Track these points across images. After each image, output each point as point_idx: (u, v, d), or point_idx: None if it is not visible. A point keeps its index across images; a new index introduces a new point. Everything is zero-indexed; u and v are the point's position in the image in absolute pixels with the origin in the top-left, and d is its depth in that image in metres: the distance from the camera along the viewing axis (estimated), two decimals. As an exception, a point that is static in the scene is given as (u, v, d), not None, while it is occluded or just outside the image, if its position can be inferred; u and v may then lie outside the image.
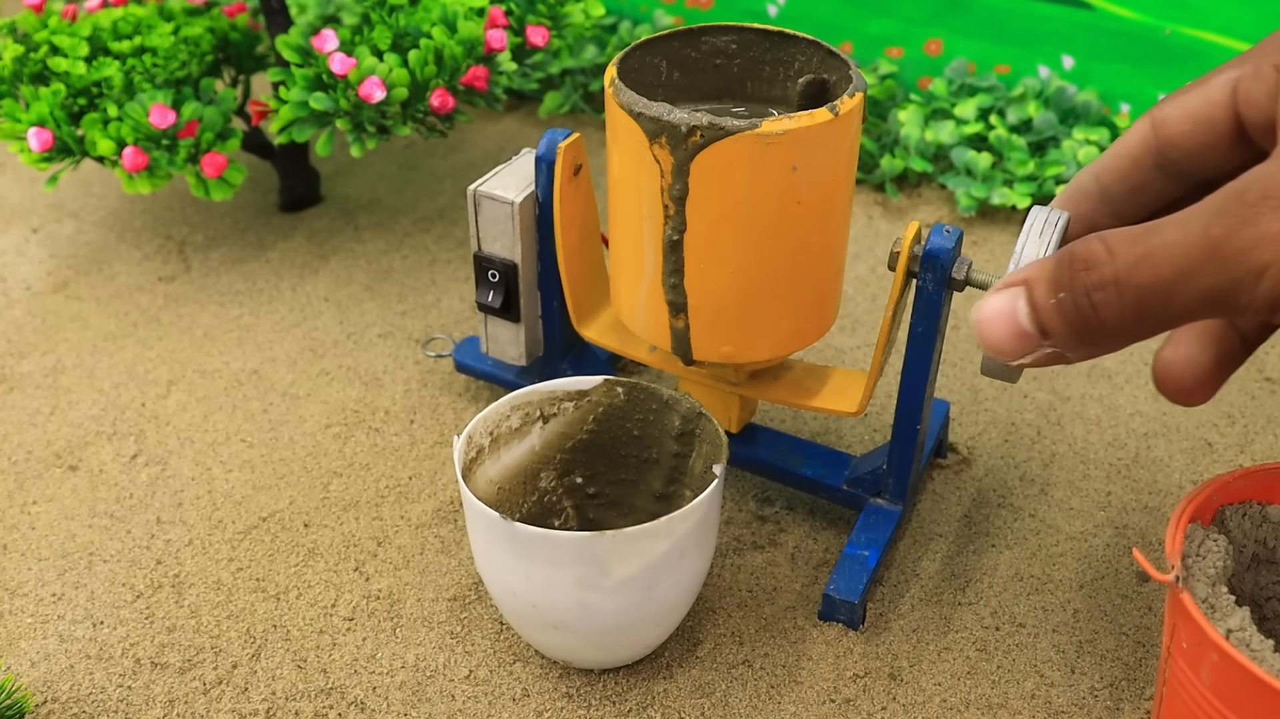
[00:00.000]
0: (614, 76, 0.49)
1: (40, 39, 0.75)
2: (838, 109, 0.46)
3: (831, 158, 0.47)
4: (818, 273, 0.50)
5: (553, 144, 0.56)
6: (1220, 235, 0.33)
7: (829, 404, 0.55)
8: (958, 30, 0.93)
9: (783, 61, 0.52)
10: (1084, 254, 0.36)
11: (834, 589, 0.53)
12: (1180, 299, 0.35)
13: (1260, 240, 0.33)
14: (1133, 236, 0.35)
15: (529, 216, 0.58)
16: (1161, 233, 0.35)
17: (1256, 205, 0.33)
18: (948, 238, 0.49)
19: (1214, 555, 0.43)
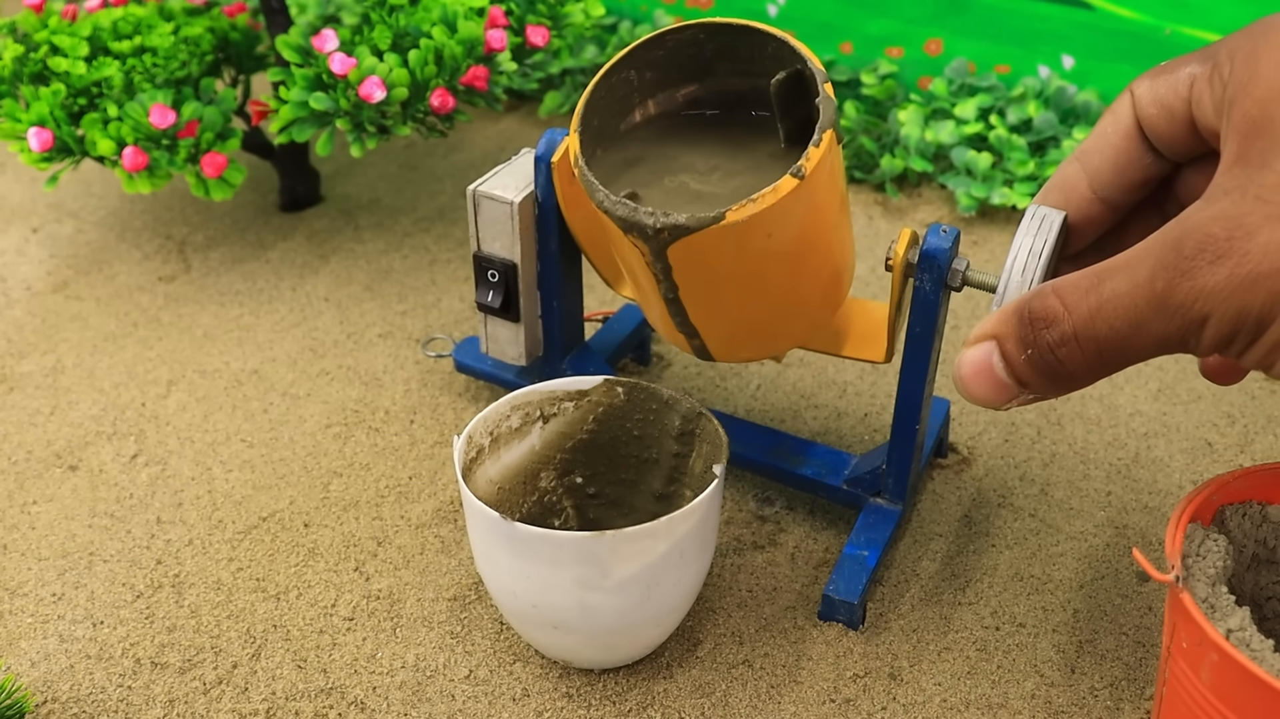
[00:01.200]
0: (578, 155, 0.47)
1: (40, 39, 0.75)
2: (803, 170, 0.44)
3: (809, 208, 0.46)
4: (821, 285, 0.51)
5: (552, 143, 0.55)
6: (1163, 289, 0.35)
7: (859, 352, 0.55)
8: (958, 30, 0.93)
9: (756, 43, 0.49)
10: (1042, 312, 0.38)
11: (833, 590, 0.53)
12: (1137, 346, 0.37)
13: (1199, 294, 0.35)
14: (1085, 288, 0.37)
15: (528, 216, 0.58)
16: (1112, 281, 0.37)
17: (1193, 258, 0.35)
18: (944, 238, 0.48)
19: (1214, 555, 0.43)
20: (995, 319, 0.40)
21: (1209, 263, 0.34)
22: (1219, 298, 0.34)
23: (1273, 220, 0.34)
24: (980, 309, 0.75)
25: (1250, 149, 0.35)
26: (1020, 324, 0.39)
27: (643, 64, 0.50)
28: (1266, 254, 0.33)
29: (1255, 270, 0.34)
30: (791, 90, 0.48)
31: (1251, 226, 0.34)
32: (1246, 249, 0.34)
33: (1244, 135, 0.36)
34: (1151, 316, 0.36)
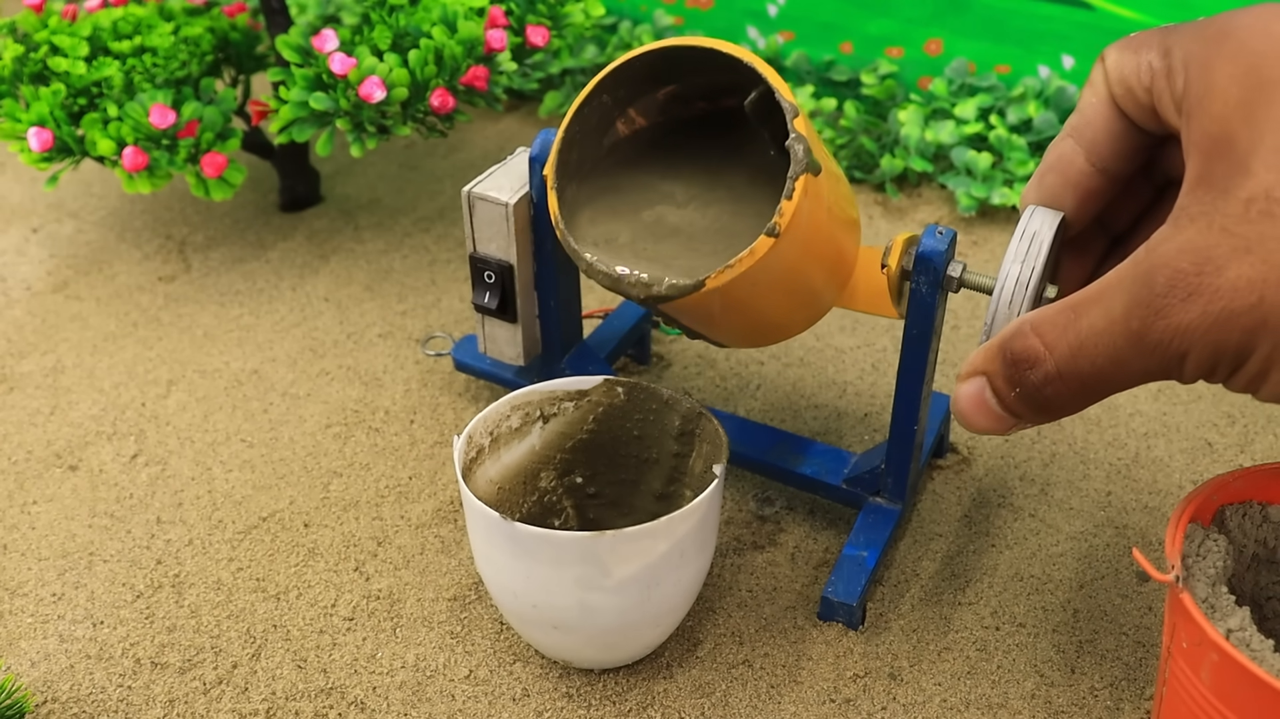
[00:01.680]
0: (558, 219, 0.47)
1: (40, 39, 0.75)
2: (778, 229, 0.44)
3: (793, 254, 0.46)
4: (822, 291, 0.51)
5: (546, 144, 0.55)
6: (1139, 328, 0.35)
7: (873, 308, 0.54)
8: (958, 30, 0.93)
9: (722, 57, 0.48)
10: (1023, 353, 0.39)
11: (832, 591, 0.53)
12: (1121, 379, 0.37)
13: (1174, 333, 0.35)
14: (1063, 326, 0.38)
15: (524, 217, 0.58)
16: (1089, 316, 0.37)
17: (1165, 296, 0.35)
18: (940, 240, 0.48)
19: (1214, 555, 0.43)
20: (983, 355, 0.40)
21: (1181, 300, 0.34)
22: (1195, 336, 0.34)
23: (1239, 254, 0.33)
24: (981, 309, 0.75)
25: (1213, 169, 0.35)
26: (1005, 364, 0.39)
27: (613, 85, 0.49)
28: (1236, 291, 0.33)
29: (1227, 308, 0.33)
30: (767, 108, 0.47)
31: (1220, 261, 0.34)
32: (1217, 285, 0.34)
33: (1205, 153, 0.35)
34: (1131, 354, 0.36)
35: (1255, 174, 0.33)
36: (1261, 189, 0.33)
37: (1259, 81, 0.34)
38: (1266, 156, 0.33)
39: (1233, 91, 0.35)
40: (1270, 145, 0.33)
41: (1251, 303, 0.33)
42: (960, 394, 0.41)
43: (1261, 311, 0.33)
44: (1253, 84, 0.34)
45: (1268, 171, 0.33)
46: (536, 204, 0.57)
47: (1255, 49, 0.35)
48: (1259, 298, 0.33)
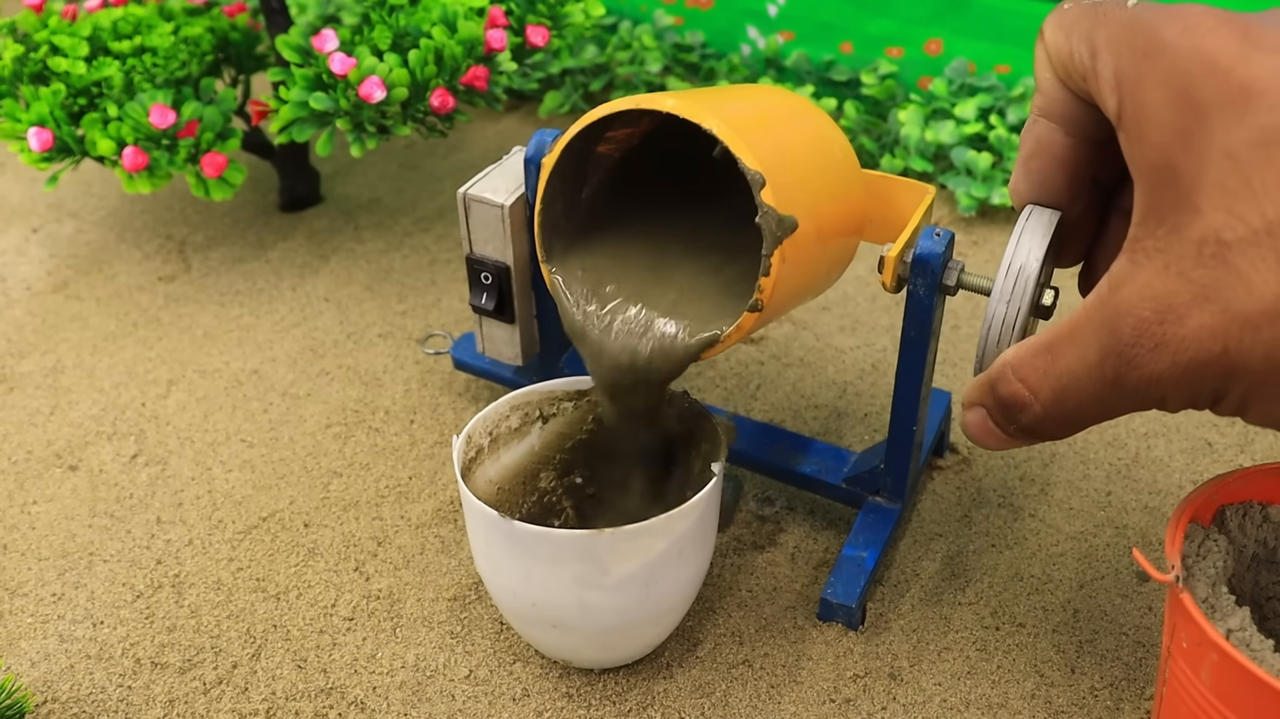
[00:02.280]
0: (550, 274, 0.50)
1: (40, 39, 0.75)
2: (760, 304, 0.45)
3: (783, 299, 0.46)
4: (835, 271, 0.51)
5: (542, 145, 0.55)
6: (1114, 376, 0.36)
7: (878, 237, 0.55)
8: (958, 30, 0.93)
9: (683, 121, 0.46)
10: (1010, 399, 0.40)
11: (831, 593, 0.53)
12: (1108, 414, 0.38)
13: (1149, 381, 0.35)
14: (1042, 370, 0.38)
15: (520, 219, 0.58)
16: (1065, 359, 0.37)
17: (1133, 346, 0.35)
18: (938, 242, 0.47)
19: (1214, 555, 0.43)
20: (978, 390, 0.41)
21: (1149, 351, 0.34)
22: (1168, 383, 0.35)
23: (1198, 302, 0.33)
24: (980, 308, 0.75)
25: (1160, 199, 0.34)
26: (997, 406, 0.40)
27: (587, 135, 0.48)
28: (1201, 342, 0.33)
29: (1195, 358, 0.34)
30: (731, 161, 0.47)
31: (1180, 310, 0.33)
32: (1181, 335, 0.34)
33: (1150, 181, 0.35)
34: (1113, 397, 0.36)
35: (1203, 213, 0.33)
36: (1211, 231, 0.33)
37: (1194, 107, 0.33)
38: (1211, 193, 0.33)
39: (1168, 118, 0.34)
40: (1213, 180, 0.33)
41: (1217, 353, 0.33)
42: (967, 421, 0.42)
43: (1228, 361, 0.33)
44: (1188, 109, 0.33)
45: (1215, 211, 0.33)
46: (532, 206, 0.57)
47: (1185, 69, 0.34)
48: (1223, 348, 0.33)
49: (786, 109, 0.51)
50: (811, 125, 0.51)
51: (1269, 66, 0.32)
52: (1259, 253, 0.32)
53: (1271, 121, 0.32)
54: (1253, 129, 0.32)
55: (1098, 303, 0.36)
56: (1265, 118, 0.32)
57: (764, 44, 0.99)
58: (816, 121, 0.51)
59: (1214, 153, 0.33)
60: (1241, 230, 0.32)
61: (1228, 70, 0.33)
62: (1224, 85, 0.33)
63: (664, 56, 1.00)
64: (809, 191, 0.47)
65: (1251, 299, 0.32)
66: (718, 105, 0.47)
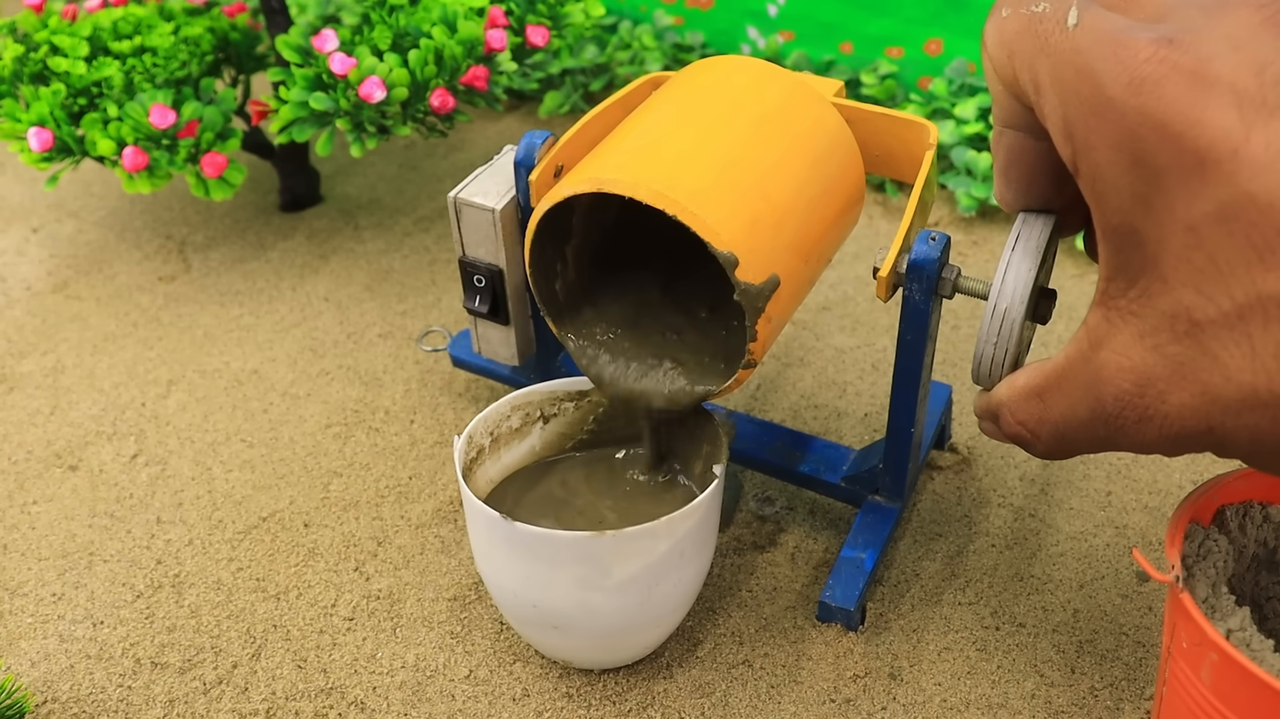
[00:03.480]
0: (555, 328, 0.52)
1: (40, 39, 0.75)
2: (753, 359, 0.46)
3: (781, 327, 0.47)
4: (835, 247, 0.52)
5: (531, 148, 0.54)
6: (1105, 436, 0.36)
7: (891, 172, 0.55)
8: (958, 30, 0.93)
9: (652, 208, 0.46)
10: (1014, 437, 0.41)
11: (830, 595, 0.53)
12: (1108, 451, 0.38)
13: (1141, 447, 0.35)
14: (1038, 417, 0.39)
15: (511, 222, 0.57)
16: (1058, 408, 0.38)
17: (1118, 417, 0.35)
18: (933, 246, 0.47)
19: (1214, 555, 0.43)
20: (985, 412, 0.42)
21: (1135, 423, 0.34)
22: (1160, 449, 0.35)
23: (1177, 381, 0.33)
24: (980, 307, 0.75)
25: (1128, 261, 0.33)
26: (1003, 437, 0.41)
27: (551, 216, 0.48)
28: (1184, 420, 0.33)
29: (1182, 433, 0.33)
30: None
31: (1160, 386, 0.33)
32: (1165, 413, 0.33)
33: (1115, 244, 0.34)
34: (1111, 447, 0.37)
35: (1172, 287, 0.32)
36: (1182, 307, 0.32)
37: (1150, 174, 0.32)
38: (1177, 266, 0.32)
39: (1125, 182, 0.32)
40: (1177, 253, 0.32)
41: (1203, 430, 0.33)
42: (984, 429, 0.43)
43: (1217, 436, 0.33)
44: (1144, 176, 0.32)
45: (1183, 287, 0.32)
46: (524, 208, 0.57)
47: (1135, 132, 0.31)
48: (1208, 427, 0.33)
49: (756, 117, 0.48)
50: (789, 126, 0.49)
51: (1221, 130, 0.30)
52: (1231, 337, 0.31)
53: (1229, 195, 0.30)
54: (1211, 202, 0.30)
55: (1080, 358, 0.36)
56: (1222, 190, 0.30)
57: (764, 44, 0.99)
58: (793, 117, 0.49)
59: (1175, 224, 0.31)
60: (1212, 312, 0.31)
61: (1179, 136, 0.31)
62: (1178, 153, 0.31)
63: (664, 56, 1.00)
64: (791, 229, 0.46)
65: (1229, 385, 0.31)
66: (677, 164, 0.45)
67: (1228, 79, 0.30)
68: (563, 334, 0.52)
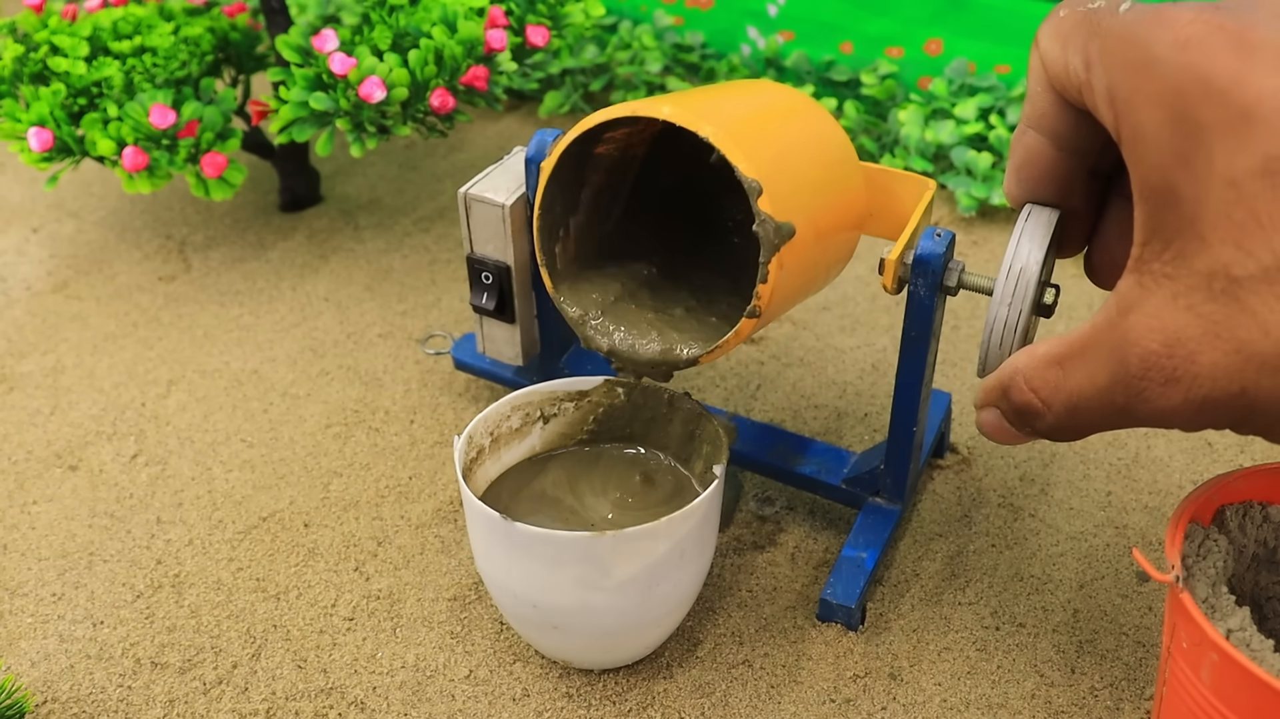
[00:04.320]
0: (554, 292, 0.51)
1: (40, 39, 0.75)
2: (758, 310, 0.45)
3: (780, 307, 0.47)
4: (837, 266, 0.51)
5: (542, 145, 0.55)
6: (1124, 405, 0.35)
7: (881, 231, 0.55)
8: (958, 30, 0.93)
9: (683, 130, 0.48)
10: (1024, 407, 0.39)
11: (831, 593, 0.53)
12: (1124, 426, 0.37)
13: (1160, 415, 0.35)
14: (1053, 384, 0.38)
15: (520, 218, 0.58)
16: (1076, 378, 0.37)
17: (1142, 379, 0.34)
18: (939, 242, 0.47)
19: (1214, 555, 0.43)
20: (990, 393, 0.41)
21: (1160, 385, 0.34)
22: (1182, 418, 0.34)
23: (1210, 339, 0.32)
24: (981, 309, 0.75)
25: (1164, 222, 0.33)
26: (1011, 410, 0.40)
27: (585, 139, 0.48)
28: (1215, 381, 0.33)
29: (1209, 397, 0.33)
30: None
31: (1191, 346, 0.33)
32: (1194, 373, 0.33)
33: (1152, 205, 0.34)
34: (1126, 419, 0.36)
35: (1210, 244, 0.32)
36: (1220, 265, 0.32)
37: (1191, 129, 0.32)
38: (1216, 223, 0.32)
39: (1165, 138, 0.33)
40: (1217, 209, 0.32)
41: (1234, 393, 0.32)
42: (981, 420, 0.42)
43: (1246, 400, 0.32)
44: (1185, 131, 0.32)
45: (1222, 244, 0.32)
46: (532, 207, 0.57)
47: (1180, 88, 0.32)
48: (1240, 388, 0.32)
49: (784, 108, 0.51)
50: (810, 124, 0.51)
51: (1269, 88, 0.31)
52: (1272, 291, 0.31)
53: (1275, 150, 0.31)
54: (1256, 156, 0.31)
55: (1106, 324, 0.35)
56: (1268, 145, 0.31)
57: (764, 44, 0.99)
58: (815, 120, 0.51)
59: (1215, 179, 0.32)
60: (1252, 267, 0.31)
61: (1225, 91, 0.31)
62: (1222, 108, 0.31)
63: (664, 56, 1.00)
64: (807, 195, 0.47)
65: (1268, 340, 0.31)
66: (714, 109, 0.46)
67: (1273, 44, 0.31)
68: (557, 294, 0.51)
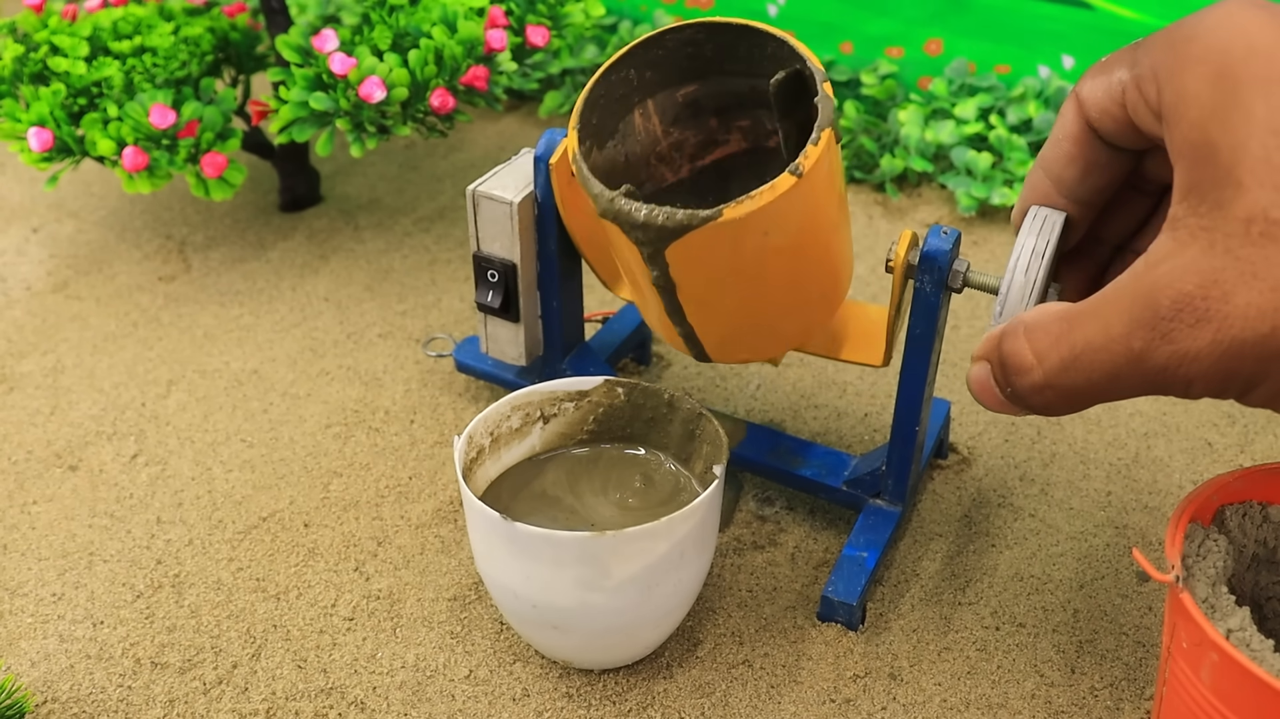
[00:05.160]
0: (575, 151, 0.47)
1: (40, 39, 0.75)
2: (800, 169, 0.44)
3: (807, 207, 0.46)
4: (819, 287, 0.50)
5: (551, 143, 0.56)
6: (1141, 349, 0.35)
7: (856, 356, 0.55)
8: (958, 30, 0.94)
9: (755, 44, 0.49)
10: (1012, 360, 0.38)
11: (832, 591, 0.53)
12: (1116, 394, 0.37)
13: (1181, 359, 0.34)
14: (1056, 335, 0.37)
15: (528, 216, 0.58)
16: (1085, 330, 0.36)
17: (1171, 320, 0.34)
18: (945, 239, 0.48)
19: (1214, 555, 0.43)
20: (986, 343, 0.40)
21: (1189, 326, 0.34)
22: (1203, 364, 0.34)
23: (1246, 279, 0.33)
24: (981, 310, 0.75)
25: (1201, 177, 0.34)
26: (998, 363, 0.39)
27: (642, 63, 0.50)
28: (1247, 320, 0.33)
29: (1238, 338, 0.33)
30: (790, 91, 0.48)
31: (1227, 286, 0.33)
32: (1226, 313, 0.33)
33: (1190, 160, 0.34)
34: (1130, 372, 0.35)
35: (1248, 190, 0.33)
36: (1259, 209, 0.32)
37: (1230, 83, 0.33)
38: (1255, 168, 0.33)
39: (1205, 95, 0.34)
40: (1255, 155, 0.33)
41: (1264, 333, 0.32)
42: (970, 375, 0.41)
43: (1274, 343, 0.32)
44: (1224, 86, 0.34)
45: (1261, 188, 0.32)
46: (541, 203, 0.57)
47: (1221, 47, 0.34)
48: (1271, 328, 0.32)
49: None
50: None
51: None
52: None
53: None
54: None
55: (1131, 279, 0.35)
56: None
57: (764, 44, 0.99)
58: None
59: (1255, 127, 0.33)
60: None
61: (1268, 52, 0.33)
62: (1265, 65, 0.33)
63: (664, 56, 1.00)
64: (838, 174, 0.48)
65: None
66: None
67: None
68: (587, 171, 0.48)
